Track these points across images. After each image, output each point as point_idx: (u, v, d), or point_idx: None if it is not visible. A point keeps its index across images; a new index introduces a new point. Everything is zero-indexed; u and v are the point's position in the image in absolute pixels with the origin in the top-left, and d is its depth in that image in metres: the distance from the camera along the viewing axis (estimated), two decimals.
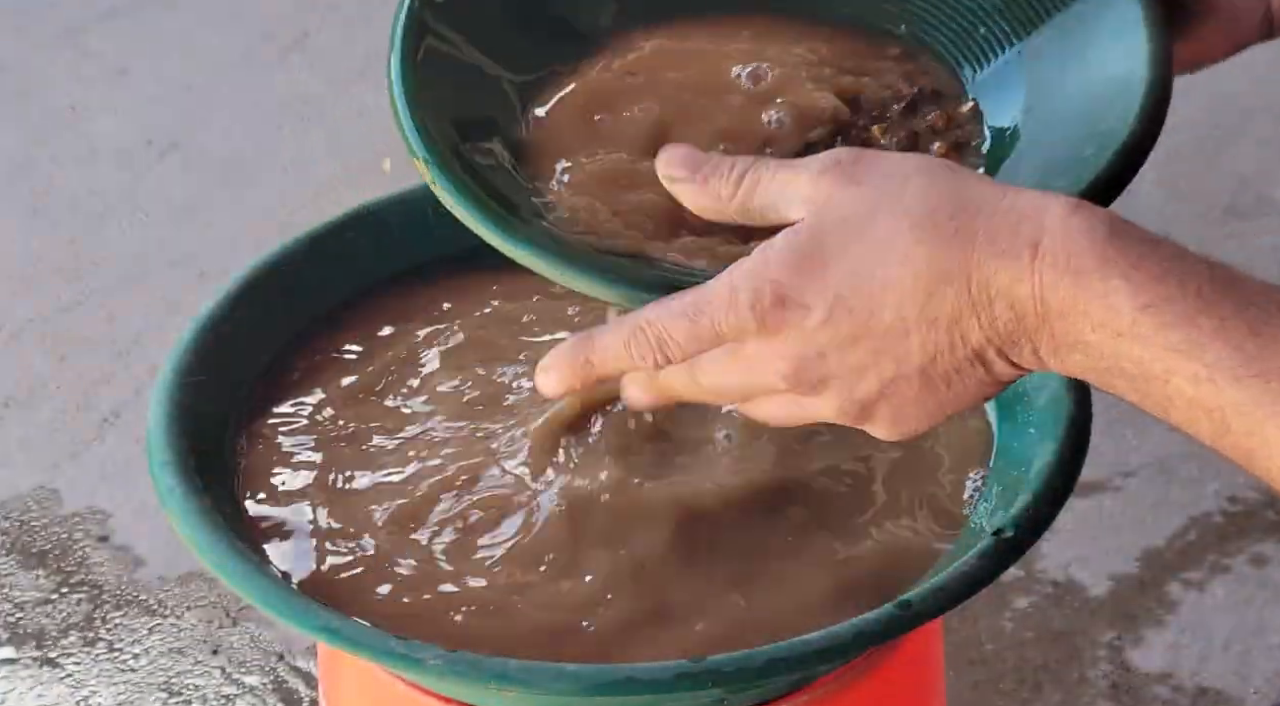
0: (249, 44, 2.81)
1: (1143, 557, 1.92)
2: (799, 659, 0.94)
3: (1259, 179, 2.43)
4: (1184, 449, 2.04)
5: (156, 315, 2.29)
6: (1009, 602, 1.87)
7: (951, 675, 1.79)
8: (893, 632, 0.96)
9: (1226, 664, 1.81)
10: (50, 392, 2.19)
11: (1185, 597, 1.87)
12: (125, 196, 2.50)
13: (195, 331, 1.13)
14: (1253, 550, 1.93)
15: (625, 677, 0.93)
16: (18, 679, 1.86)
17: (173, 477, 1.04)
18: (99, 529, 2.02)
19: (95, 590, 1.94)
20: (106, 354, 2.24)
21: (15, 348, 2.26)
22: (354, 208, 1.23)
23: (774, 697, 1.03)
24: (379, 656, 0.96)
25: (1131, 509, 1.97)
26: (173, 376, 1.10)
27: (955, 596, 0.97)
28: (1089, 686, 1.79)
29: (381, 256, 1.22)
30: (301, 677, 1.84)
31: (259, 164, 2.56)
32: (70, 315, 2.31)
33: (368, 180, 2.50)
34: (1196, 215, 2.37)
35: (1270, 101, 2.56)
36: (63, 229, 2.45)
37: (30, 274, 2.37)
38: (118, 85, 2.73)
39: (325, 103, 2.68)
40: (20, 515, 2.04)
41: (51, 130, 2.64)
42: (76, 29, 2.86)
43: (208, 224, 2.45)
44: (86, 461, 2.10)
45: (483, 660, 0.95)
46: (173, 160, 2.57)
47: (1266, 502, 1.98)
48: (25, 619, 1.92)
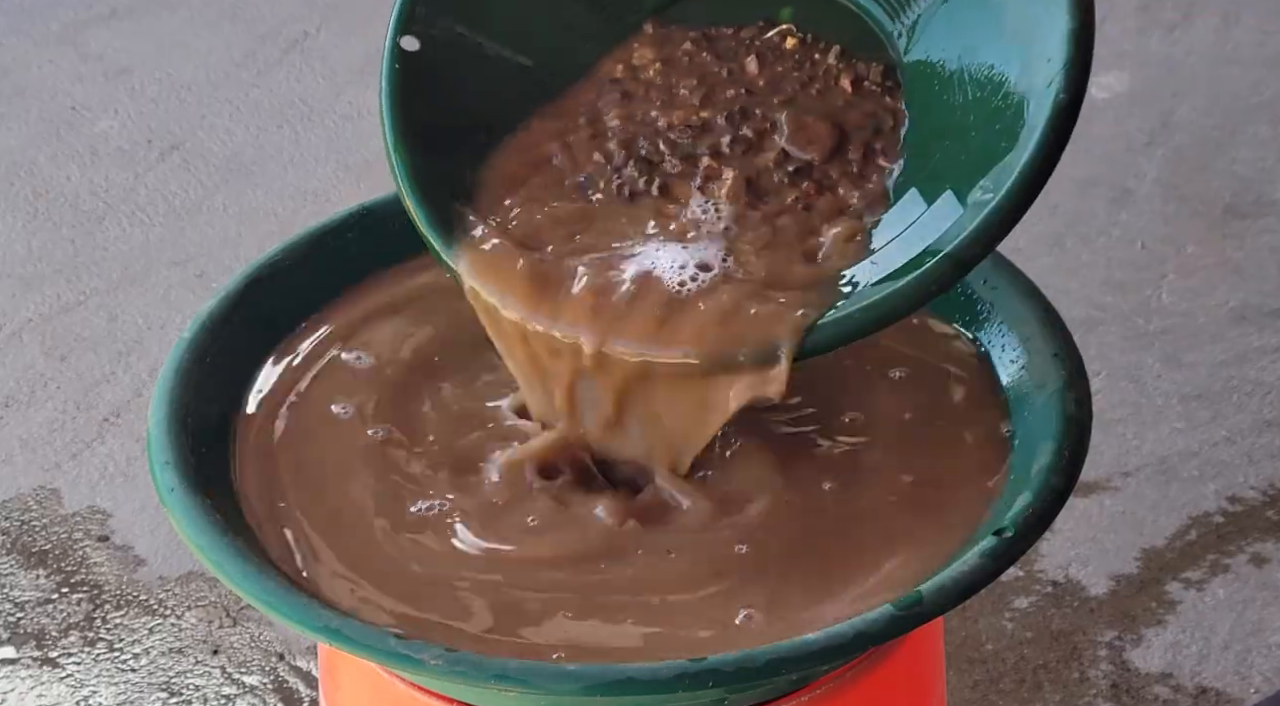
0: (249, 44, 2.81)
1: (1143, 557, 1.92)
2: (799, 659, 0.94)
3: (1259, 179, 2.43)
4: (1184, 449, 2.04)
5: (156, 315, 2.29)
6: (1009, 602, 1.87)
7: (951, 675, 1.79)
8: (893, 632, 0.96)
9: (1226, 664, 1.80)
10: (50, 392, 2.19)
11: (1185, 597, 1.87)
12: (125, 196, 2.50)
13: (195, 331, 1.13)
14: (1253, 550, 1.93)
15: (625, 677, 0.93)
16: (18, 679, 1.85)
17: (173, 477, 1.05)
18: (99, 529, 2.02)
19: (95, 590, 1.94)
20: (106, 354, 2.24)
21: (15, 348, 2.26)
22: (354, 207, 1.23)
23: (774, 697, 1.04)
24: (379, 656, 0.96)
25: (1131, 509, 1.97)
26: (173, 376, 1.10)
27: (955, 596, 0.97)
28: (1089, 686, 1.79)
29: (381, 256, 1.22)
30: (301, 677, 1.84)
31: (259, 164, 2.56)
32: (70, 315, 2.30)
33: (368, 180, 2.50)
34: (1196, 215, 2.37)
35: (1270, 101, 2.56)
36: (63, 229, 2.45)
37: (30, 274, 2.37)
38: (118, 85, 2.73)
39: (325, 103, 2.68)
40: (20, 515, 2.04)
41: (51, 130, 2.64)
42: (76, 29, 2.86)
43: (208, 224, 2.45)
44: (86, 461, 2.10)
45: (483, 660, 0.95)
46: (173, 160, 2.57)
47: (1266, 502, 1.98)
48: (25, 619, 1.92)
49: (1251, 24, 2.72)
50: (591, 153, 1.10)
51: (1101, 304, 2.23)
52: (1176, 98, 2.55)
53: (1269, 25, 2.72)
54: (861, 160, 1.08)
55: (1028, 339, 1.13)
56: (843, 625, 0.95)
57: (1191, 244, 2.33)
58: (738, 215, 1.07)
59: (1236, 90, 2.58)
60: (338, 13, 2.87)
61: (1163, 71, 2.61)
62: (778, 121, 1.10)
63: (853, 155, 1.08)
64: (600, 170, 1.10)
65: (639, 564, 1.03)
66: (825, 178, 1.08)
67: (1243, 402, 2.09)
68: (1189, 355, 2.16)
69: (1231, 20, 2.73)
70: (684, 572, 1.03)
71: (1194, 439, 2.05)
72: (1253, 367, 2.14)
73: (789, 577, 1.03)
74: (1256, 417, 2.07)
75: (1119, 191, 2.41)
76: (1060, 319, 1.14)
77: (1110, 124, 2.51)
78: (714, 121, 1.10)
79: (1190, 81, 2.60)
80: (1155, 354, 2.16)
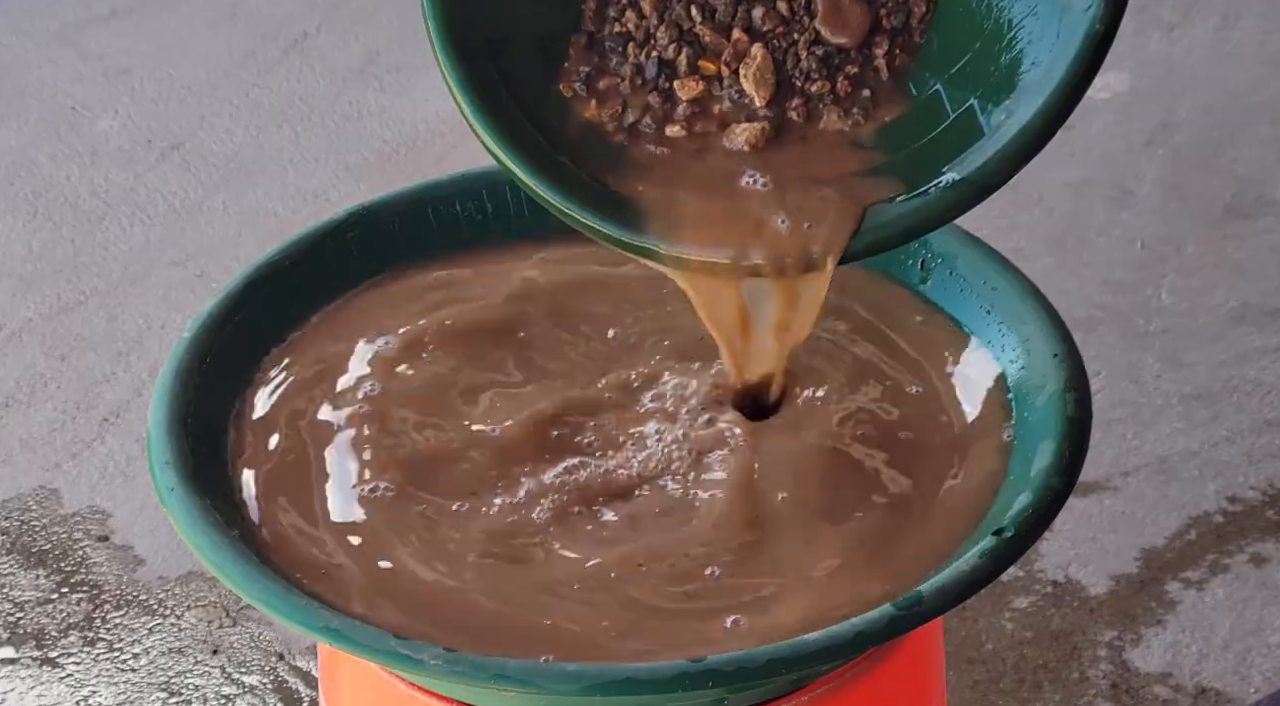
0: (249, 44, 2.81)
1: (1142, 557, 1.92)
2: (799, 659, 0.94)
3: (1259, 179, 2.43)
4: (1184, 448, 2.04)
5: (156, 315, 2.29)
6: (1009, 602, 1.87)
7: (951, 675, 1.79)
8: (893, 632, 0.96)
9: (1226, 664, 1.80)
10: (50, 392, 2.19)
11: (1185, 597, 1.87)
12: (125, 196, 2.50)
13: (195, 331, 1.13)
14: (1253, 550, 1.93)
15: (625, 677, 0.93)
16: (18, 679, 1.85)
17: (173, 477, 1.05)
18: (99, 529, 2.02)
19: (95, 590, 1.94)
20: (106, 354, 2.24)
21: (15, 348, 2.26)
22: (354, 207, 1.23)
23: (774, 697, 1.04)
24: (379, 656, 0.96)
25: (1131, 509, 1.97)
26: (173, 376, 1.10)
27: (955, 596, 0.97)
28: (1089, 686, 1.79)
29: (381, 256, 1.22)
30: (301, 677, 1.84)
31: (259, 164, 2.56)
32: (70, 315, 2.30)
33: (368, 180, 2.50)
34: (1196, 215, 2.37)
35: (1270, 101, 2.56)
36: (63, 229, 2.45)
37: (30, 274, 2.37)
38: (118, 85, 2.73)
39: (325, 103, 2.68)
40: (20, 515, 2.04)
41: (51, 130, 2.64)
42: (76, 29, 2.86)
43: (208, 224, 2.45)
44: (86, 461, 2.10)
45: (483, 660, 0.95)
46: (173, 160, 2.57)
47: (1266, 502, 1.98)
48: (25, 619, 1.92)
49: (1251, 24, 2.72)
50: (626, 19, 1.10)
51: (1101, 304, 2.23)
52: (1176, 98, 2.55)
53: (1269, 25, 2.71)
54: (888, 52, 1.08)
55: (1028, 339, 1.13)
56: (843, 625, 0.95)
57: (1191, 244, 2.33)
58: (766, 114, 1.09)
59: (1236, 90, 2.58)
60: (338, 13, 2.87)
61: (1163, 71, 2.61)
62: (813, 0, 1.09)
63: (879, 47, 1.08)
64: (636, 38, 1.10)
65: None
66: (853, 67, 1.08)
67: (1243, 402, 2.09)
68: (1189, 355, 2.16)
69: (1231, 20, 2.73)
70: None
71: (1194, 439, 2.05)
72: (1253, 367, 2.14)
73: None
74: (1256, 417, 2.07)
75: (1119, 191, 2.41)
76: (1060, 319, 1.14)
77: (1110, 124, 2.51)
78: None
79: (1190, 81, 2.60)
80: (1155, 354, 2.16)
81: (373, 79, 2.69)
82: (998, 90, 1.03)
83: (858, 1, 1.09)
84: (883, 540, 1.05)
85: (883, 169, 1.07)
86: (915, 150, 1.06)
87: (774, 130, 1.08)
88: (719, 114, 1.10)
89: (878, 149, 1.07)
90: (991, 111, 1.03)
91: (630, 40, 1.10)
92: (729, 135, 1.09)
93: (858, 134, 1.08)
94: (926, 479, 1.09)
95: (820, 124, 1.09)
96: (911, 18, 1.08)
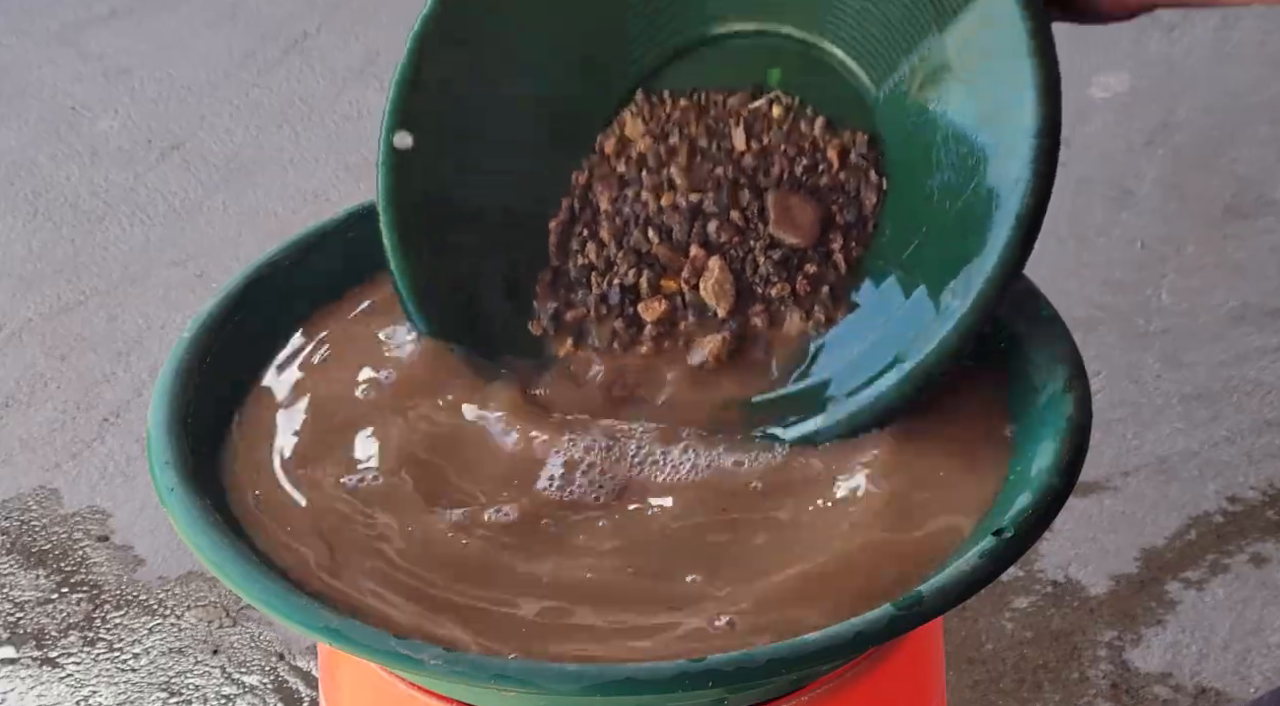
0: (249, 44, 2.81)
1: (1142, 557, 1.92)
2: (799, 659, 0.94)
3: (1259, 179, 2.43)
4: (1184, 448, 2.04)
5: (156, 315, 2.30)
6: (1009, 602, 1.87)
7: (951, 675, 1.79)
8: (892, 632, 0.96)
9: (1226, 663, 1.81)
10: (50, 392, 2.19)
11: (1185, 597, 1.87)
12: (125, 196, 2.50)
13: (195, 331, 1.13)
14: (1253, 550, 1.93)
15: (625, 677, 0.93)
16: (18, 679, 1.86)
17: (173, 477, 1.04)
18: (99, 529, 2.02)
19: (95, 590, 1.94)
20: (106, 354, 2.24)
21: (15, 348, 2.26)
22: (354, 207, 1.23)
23: (774, 697, 1.04)
24: (379, 656, 0.96)
25: (1131, 509, 1.97)
26: (173, 376, 1.10)
27: (955, 596, 0.96)
28: (1089, 686, 1.79)
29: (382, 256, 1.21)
30: (301, 677, 1.84)
31: (259, 164, 2.56)
32: (70, 315, 2.31)
33: (368, 180, 2.49)
34: (1196, 215, 2.37)
35: (1270, 101, 2.57)
36: (63, 229, 2.45)
37: (30, 274, 2.37)
38: (118, 85, 2.73)
39: (325, 103, 2.68)
40: (20, 515, 2.04)
41: (51, 130, 2.64)
42: (76, 29, 2.86)
43: (208, 224, 2.45)
44: (86, 461, 2.10)
45: (482, 660, 0.95)
46: (173, 160, 2.57)
47: (1266, 502, 1.98)
48: (25, 619, 1.92)
49: (1251, 24, 2.73)
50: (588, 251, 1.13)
51: (1101, 304, 2.23)
52: (1176, 98, 2.55)
53: (1269, 25, 2.72)
54: (844, 246, 1.10)
55: (1028, 339, 1.13)
56: (843, 625, 0.95)
57: (1191, 244, 2.33)
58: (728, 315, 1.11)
59: (1236, 90, 2.58)
60: (338, 13, 2.87)
61: (1162, 71, 2.62)
62: (765, 206, 1.11)
63: (835, 243, 1.10)
64: (599, 268, 1.13)
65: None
66: (809, 267, 1.10)
67: (1243, 402, 2.09)
68: (1189, 355, 2.16)
69: (1231, 20, 2.73)
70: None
71: (1194, 439, 2.05)
72: (1253, 367, 2.14)
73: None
74: (1256, 417, 2.07)
75: (1119, 191, 2.41)
76: (1060, 319, 1.14)
77: (1110, 124, 2.51)
78: (702, 204, 1.12)
79: (1190, 81, 2.60)
80: (1155, 354, 2.16)
81: (373, 79, 2.69)
82: (944, 274, 1.05)
83: (808, 201, 1.10)
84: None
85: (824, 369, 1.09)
86: (872, 343, 1.08)
87: (736, 341, 1.10)
88: (684, 330, 1.11)
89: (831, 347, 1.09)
90: (939, 296, 1.06)
91: (593, 270, 1.12)
92: (691, 352, 1.10)
93: (819, 335, 1.10)
94: (926, 478, 1.09)
95: (784, 328, 1.11)
96: (863, 209, 1.10)
